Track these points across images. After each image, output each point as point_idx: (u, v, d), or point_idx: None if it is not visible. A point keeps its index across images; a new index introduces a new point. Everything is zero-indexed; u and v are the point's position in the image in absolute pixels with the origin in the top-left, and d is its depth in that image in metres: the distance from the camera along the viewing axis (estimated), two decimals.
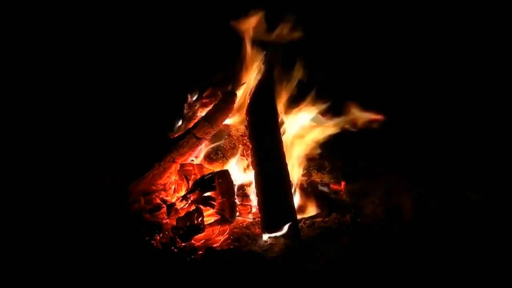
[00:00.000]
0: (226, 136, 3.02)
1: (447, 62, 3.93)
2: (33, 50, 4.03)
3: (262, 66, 3.04)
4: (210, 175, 2.58)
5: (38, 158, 3.08)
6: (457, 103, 3.74)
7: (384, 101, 3.73)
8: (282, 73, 3.07)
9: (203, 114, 3.00)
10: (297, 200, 2.73)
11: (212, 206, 2.50)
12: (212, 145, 2.96)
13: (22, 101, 3.68)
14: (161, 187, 2.80)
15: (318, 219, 2.67)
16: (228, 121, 3.05)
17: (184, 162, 2.81)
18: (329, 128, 2.97)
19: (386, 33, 4.01)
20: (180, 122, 3.23)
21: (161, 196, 2.77)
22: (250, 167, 2.74)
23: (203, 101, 3.14)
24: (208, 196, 2.52)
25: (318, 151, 3.05)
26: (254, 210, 2.71)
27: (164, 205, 2.61)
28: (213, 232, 2.44)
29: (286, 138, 2.93)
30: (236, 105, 3.00)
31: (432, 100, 3.80)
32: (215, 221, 2.48)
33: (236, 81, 3.07)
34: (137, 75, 4.07)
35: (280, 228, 2.40)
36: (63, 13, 4.12)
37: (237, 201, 2.64)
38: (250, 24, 2.98)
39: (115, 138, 3.40)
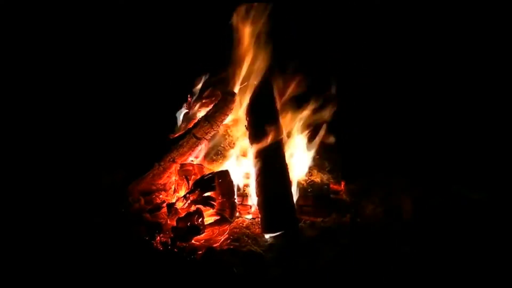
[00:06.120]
0: (226, 136, 3.03)
1: (447, 62, 3.93)
2: (33, 50, 4.03)
3: (262, 66, 3.03)
4: (210, 175, 2.58)
5: (39, 158, 3.08)
6: (457, 104, 3.74)
7: (384, 101, 3.75)
8: (282, 73, 3.07)
9: (203, 114, 3.01)
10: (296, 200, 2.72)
11: (212, 206, 2.49)
12: (212, 145, 2.96)
13: (22, 101, 3.68)
14: (161, 187, 2.80)
15: (318, 219, 2.67)
16: (228, 121, 3.05)
17: (184, 162, 2.81)
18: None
19: (386, 34, 4.01)
20: (180, 122, 3.23)
21: (161, 196, 2.77)
22: (250, 167, 2.74)
23: (203, 101, 3.14)
24: (208, 196, 2.52)
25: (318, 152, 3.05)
26: (254, 209, 2.71)
27: (164, 205, 2.61)
28: (213, 232, 2.44)
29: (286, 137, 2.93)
30: (236, 104, 2.99)
31: (432, 101, 3.80)
32: (215, 221, 2.47)
33: (235, 81, 3.07)
34: (137, 76, 4.07)
35: (280, 228, 2.40)
36: (63, 12, 4.12)
37: (237, 201, 2.64)
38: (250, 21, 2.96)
39: (115, 138, 3.40)
